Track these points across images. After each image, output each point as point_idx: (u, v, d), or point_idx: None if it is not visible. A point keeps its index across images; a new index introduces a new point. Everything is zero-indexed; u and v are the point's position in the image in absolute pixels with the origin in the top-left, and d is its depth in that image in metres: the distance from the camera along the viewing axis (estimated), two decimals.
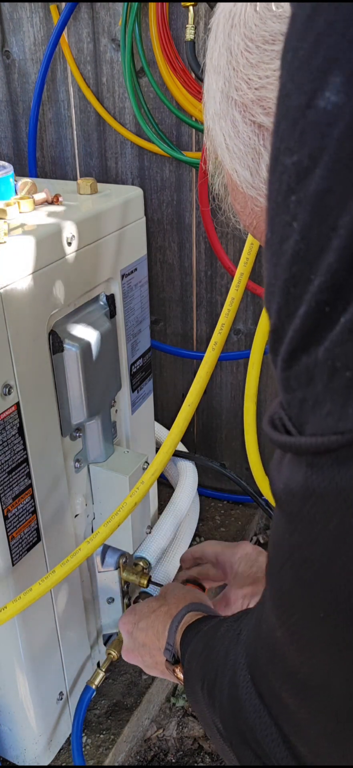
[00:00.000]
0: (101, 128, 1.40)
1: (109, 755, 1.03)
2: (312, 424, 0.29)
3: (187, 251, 1.42)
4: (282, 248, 0.28)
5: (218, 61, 0.42)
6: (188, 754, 1.14)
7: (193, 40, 1.19)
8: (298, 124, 0.26)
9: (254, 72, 0.39)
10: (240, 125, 0.42)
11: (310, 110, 0.25)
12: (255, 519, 1.56)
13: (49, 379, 0.84)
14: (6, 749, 1.00)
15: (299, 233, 0.27)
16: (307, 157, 0.26)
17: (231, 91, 0.41)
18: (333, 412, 0.27)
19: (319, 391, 0.28)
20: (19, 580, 0.84)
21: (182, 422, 0.79)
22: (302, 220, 0.27)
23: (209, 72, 0.44)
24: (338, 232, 0.25)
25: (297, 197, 0.27)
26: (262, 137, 0.41)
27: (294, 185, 0.27)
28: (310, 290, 0.27)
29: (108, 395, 0.99)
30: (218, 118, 0.43)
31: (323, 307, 0.27)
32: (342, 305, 0.26)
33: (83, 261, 0.88)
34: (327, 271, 0.26)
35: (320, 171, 0.26)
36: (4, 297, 0.73)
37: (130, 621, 0.81)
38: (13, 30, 1.40)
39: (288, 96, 0.27)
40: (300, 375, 0.29)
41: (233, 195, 0.48)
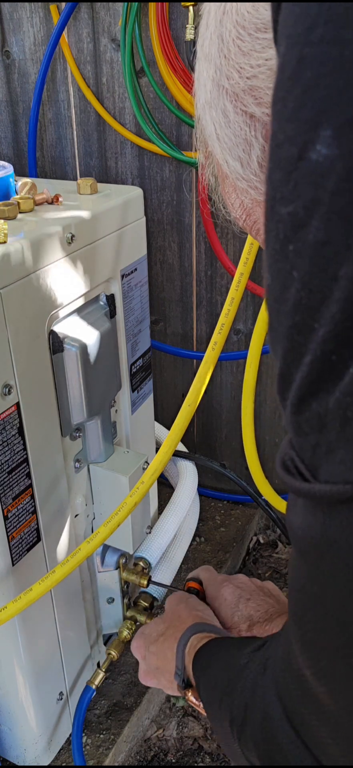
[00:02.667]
0: (101, 128, 1.40)
1: (109, 755, 1.03)
2: (325, 470, 0.29)
3: (187, 251, 1.42)
4: (283, 296, 0.28)
5: (210, 49, 0.41)
6: (188, 754, 1.14)
7: (193, 40, 1.19)
8: (291, 176, 0.26)
9: (245, 60, 0.38)
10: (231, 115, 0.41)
11: (303, 162, 0.26)
12: (255, 519, 1.56)
13: (49, 379, 0.84)
14: (6, 749, 1.00)
15: (300, 282, 0.27)
16: (302, 209, 0.26)
17: (222, 79, 0.40)
18: (346, 461, 0.27)
19: (332, 438, 0.28)
20: (19, 580, 0.84)
21: (182, 422, 0.79)
22: (302, 270, 0.27)
23: (200, 60, 0.43)
24: (339, 282, 0.25)
25: (295, 247, 0.27)
26: (253, 128, 0.40)
27: (291, 235, 0.27)
28: (315, 339, 0.27)
29: (108, 395, 0.99)
30: (208, 107, 0.42)
31: (329, 357, 0.27)
32: (349, 354, 0.26)
33: (83, 261, 0.88)
34: (331, 322, 0.26)
35: (316, 222, 0.26)
36: (4, 297, 0.73)
37: (141, 646, 0.81)
38: (13, 30, 1.40)
39: (280, 146, 0.27)
40: (311, 420, 0.28)
41: (223, 186, 0.47)
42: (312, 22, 0.24)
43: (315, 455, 0.29)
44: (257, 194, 0.42)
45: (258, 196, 0.42)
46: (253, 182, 0.42)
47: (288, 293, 0.28)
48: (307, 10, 0.25)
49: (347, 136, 0.24)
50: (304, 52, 0.25)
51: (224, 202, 0.48)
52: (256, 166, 0.40)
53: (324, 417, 0.28)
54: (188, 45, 1.20)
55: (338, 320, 0.26)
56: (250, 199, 0.43)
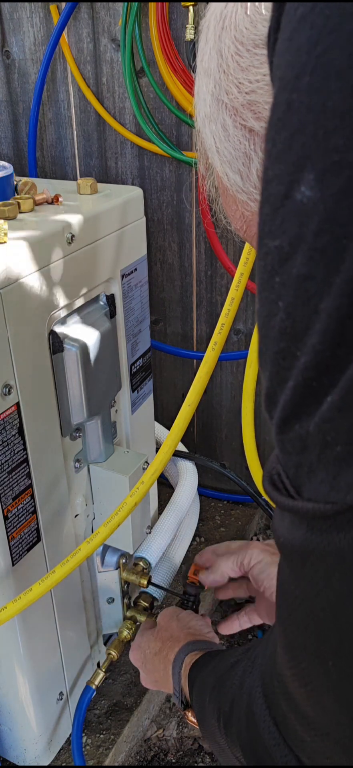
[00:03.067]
0: (101, 128, 1.40)
1: (109, 755, 1.03)
2: (308, 489, 0.30)
3: (187, 251, 1.42)
4: (269, 323, 0.30)
5: (209, 64, 0.42)
6: (188, 754, 1.14)
7: (193, 40, 1.19)
8: (279, 212, 0.28)
9: (244, 76, 0.39)
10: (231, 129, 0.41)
11: (288, 200, 0.27)
12: (255, 519, 1.56)
13: (49, 379, 0.84)
14: (6, 749, 1.00)
15: (284, 311, 0.29)
16: (288, 244, 0.28)
17: (222, 94, 0.41)
18: (326, 482, 0.29)
19: (313, 459, 0.29)
20: (19, 580, 0.84)
21: (182, 422, 0.79)
22: (286, 301, 0.28)
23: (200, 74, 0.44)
24: (320, 315, 0.27)
25: (280, 279, 0.28)
26: (253, 142, 0.40)
27: (278, 268, 0.28)
28: (297, 366, 0.28)
29: (108, 395, 0.99)
30: (208, 121, 0.43)
31: (310, 383, 0.28)
32: (328, 382, 0.27)
33: (83, 261, 0.88)
34: (312, 351, 0.27)
35: (300, 258, 0.27)
36: (4, 297, 0.73)
37: (138, 659, 0.85)
38: (13, 30, 1.40)
39: (269, 183, 0.28)
40: (294, 441, 0.30)
41: (224, 198, 0.47)
42: (301, 70, 0.26)
43: (298, 474, 0.31)
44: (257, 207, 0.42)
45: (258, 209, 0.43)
46: (253, 195, 0.42)
47: (274, 321, 0.29)
48: (297, 58, 0.26)
49: (328, 181, 0.25)
50: (292, 97, 0.26)
51: (225, 213, 0.49)
52: (255, 179, 0.41)
53: (306, 439, 0.29)
54: (188, 45, 1.20)
55: (318, 350, 0.27)
56: (250, 211, 0.44)
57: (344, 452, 0.28)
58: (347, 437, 0.27)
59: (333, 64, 0.24)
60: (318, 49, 0.25)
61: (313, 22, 0.25)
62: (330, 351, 0.27)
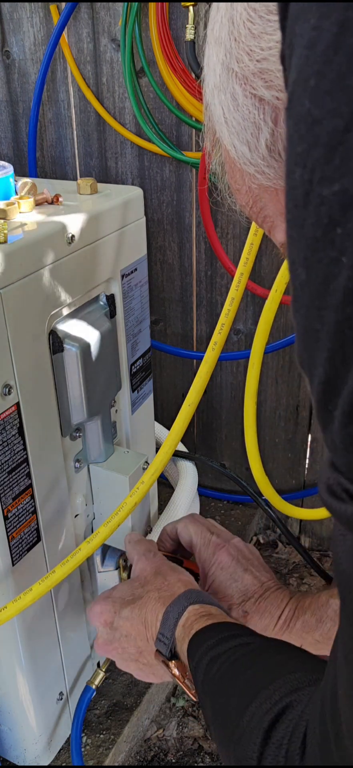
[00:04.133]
0: (101, 128, 1.40)
1: (109, 755, 1.03)
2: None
3: (187, 251, 1.42)
4: (328, 288, 0.25)
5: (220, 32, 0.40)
6: (188, 754, 1.14)
7: (193, 40, 1.19)
8: (337, 150, 0.24)
9: (256, 43, 0.38)
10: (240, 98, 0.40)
11: (351, 134, 0.24)
12: (255, 519, 1.56)
13: (49, 379, 0.84)
14: (6, 749, 1.00)
15: (351, 268, 0.24)
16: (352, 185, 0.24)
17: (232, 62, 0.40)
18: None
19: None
20: (19, 580, 0.84)
21: (182, 422, 0.79)
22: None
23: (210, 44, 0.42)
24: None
25: (343, 230, 0.24)
26: (262, 111, 0.39)
27: (339, 217, 0.24)
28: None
29: (108, 395, 0.99)
30: (217, 91, 0.42)
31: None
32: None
33: (83, 261, 0.88)
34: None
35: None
36: (4, 297, 0.73)
37: (108, 611, 0.72)
38: (13, 30, 1.40)
39: (318, 122, 0.25)
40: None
41: (231, 172, 0.46)
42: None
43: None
44: (264, 179, 0.41)
45: (265, 181, 0.41)
46: (261, 167, 0.41)
47: (336, 284, 0.25)
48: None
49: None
50: (348, 15, 0.23)
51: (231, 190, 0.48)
52: (264, 150, 0.40)
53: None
54: (188, 45, 1.20)
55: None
56: (257, 184, 0.43)
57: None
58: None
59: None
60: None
61: None
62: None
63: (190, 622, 0.62)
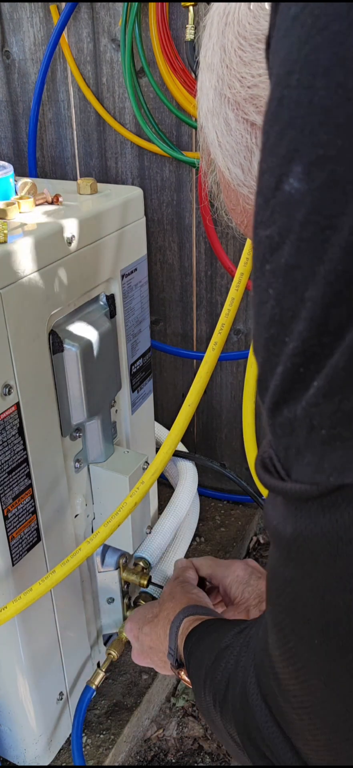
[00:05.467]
0: (101, 128, 1.40)
1: (109, 755, 1.03)
2: (295, 470, 0.32)
3: (187, 251, 1.42)
4: (261, 310, 0.31)
5: (212, 59, 0.43)
6: (188, 754, 1.14)
7: (193, 40, 1.19)
8: (270, 203, 0.29)
9: (247, 70, 0.40)
10: (233, 123, 0.42)
11: (278, 192, 0.28)
12: (255, 519, 1.56)
13: (49, 379, 0.84)
14: (6, 749, 1.00)
15: (274, 299, 0.30)
16: (277, 234, 0.29)
17: (224, 88, 0.42)
18: (312, 464, 0.30)
19: (300, 442, 0.30)
20: (19, 580, 0.84)
21: (182, 422, 0.79)
22: (276, 288, 0.30)
23: (203, 69, 0.45)
24: (306, 304, 0.28)
25: (271, 267, 0.30)
26: (254, 135, 0.41)
27: (269, 256, 0.30)
28: (286, 352, 0.30)
29: (108, 395, 0.99)
30: (211, 116, 0.44)
31: (297, 368, 0.29)
32: (315, 368, 0.28)
33: (83, 261, 0.88)
34: (298, 338, 0.29)
35: (287, 248, 0.28)
36: (4, 297, 0.73)
37: (134, 627, 0.84)
38: (13, 30, 1.40)
39: (263, 174, 0.30)
40: (283, 425, 0.31)
41: (226, 192, 0.48)
42: (291, 68, 0.27)
43: (287, 456, 0.32)
44: None
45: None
46: (254, 188, 0.43)
47: (265, 308, 0.30)
48: (289, 55, 0.27)
49: (314, 174, 0.26)
50: (284, 93, 0.28)
51: (227, 209, 0.50)
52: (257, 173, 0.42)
53: (293, 423, 0.30)
54: (188, 45, 1.20)
55: (304, 337, 0.28)
56: (251, 205, 0.45)
57: (328, 436, 0.29)
58: (331, 421, 0.28)
59: (319, 63, 0.25)
60: (307, 47, 0.26)
61: (303, 22, 0.26)
62: (315, 338, 0.28)
63: (184, 630, 0.70)
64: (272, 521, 0.36)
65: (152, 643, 0.79)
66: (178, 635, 0.72)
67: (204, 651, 0.63)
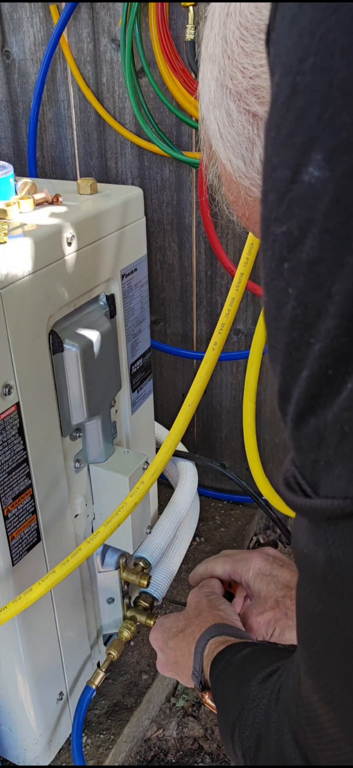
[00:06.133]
0: (101, 128, 1.40)
1: (109, 755, 1.03)
2: (324, 485, 0.29)
3: (187, 251, 1.42)
4: (280, 313, 0.29)
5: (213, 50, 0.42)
6: (188, 754, 1.14)
7: (193, 40, 1.19)
8: (286, 197, 0.27)
9: (249, 61, 0.39)
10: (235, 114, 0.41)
11: (296, 184, 0.27)
12: (255, 519, 1.56)
13: (49, 379, 0.84)
14: (6, 749, 1.00)
15: (295, 299, 0.28)
16: (296, 228, 0.27)
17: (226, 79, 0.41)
18: (343, 476, 0.28)
19: (330, 453, 0.28)
20: (19, 580, 0.84)
21: (182, 422, 0.79)
22: (297, 287, 0.28)
23: (204, 61, 0.44)
24: (333, 299, 0.26)
25: (290, 265, 0.28)
26: (256, 126, 0.41)
27: (286, 254, 0.28)
28: (311, 354, 0.28)
29: (108, 395, 0.99)
30: (212, 107, 0.43)
31: (326, 371, 0.27)
32: (345, 369, 0.26)
33: (83, 261, 0.88)
34: (326, 336, 0.27)
35: (310, 242, 0.27)
36: (4, 297, 0.73)
37: (159, 638, 0.81)
38: (13, 30, 1.40)
39: (274, 169, 0.28)
40: (310, 436, 0.29)
41: (227, 185, 0.47)
42: (304, 53, 0.26)
43: (314, 471, 0.29)
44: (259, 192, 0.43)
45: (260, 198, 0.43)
46: (256, 180, 0.42)
47: (285, 310, 0.29)
48: (299, 41, 0.26)
49: (337, 159, 0.25)
50: (296, 80, 0.26)
51: (228, 202, 0.49)
52: (258, 164, 0.41)
53: (323, 432, 0.28)
54: (188, 45, 1.20)
55: (334, 335, 0.26)
56: (253, 197, 0.44)
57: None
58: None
59: (337, 43, 0.24)
60: (321, 29, 0.25)
61: (314, 4, 0.25)
62: (346, 335, 0.26)
63: (210, 653, 0.67)
64: (301, 547, 0.32)
65: (177, 658, 0.77)
66: (203, 656, 0.69)
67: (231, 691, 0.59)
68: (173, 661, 0.78)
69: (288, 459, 0.32)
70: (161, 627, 0.82)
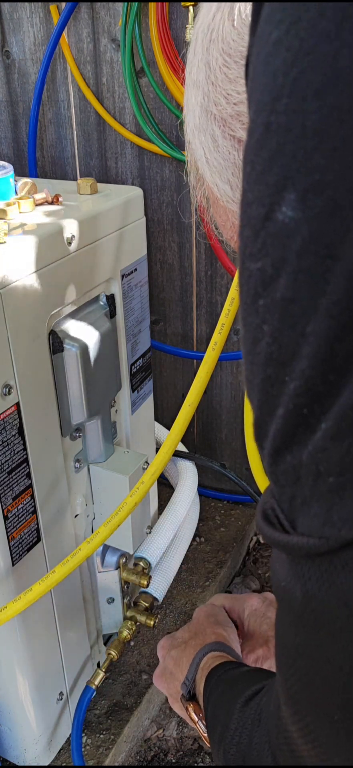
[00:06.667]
0: (101, 128, 1.40)
1: (109, 755, 1.03)
2: (302, 522, 0.29)
3: (187, 251, 1.42)
4: (255, 348, 0.29)
5: (197, 76, 0.42)
6: (188, 754, 1.14)
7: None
8: (260, 234, 0.27)
9: (232, 87, 0.39)
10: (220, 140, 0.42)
11: (270, 222, 0.26)
12: (255, 519, 1.56)
13: (49, 379, 0.84)
14: (6, 749, 1.00)
15: (270, 336, 0.28)
16: (270, 266, 0.27)
17: (210, 105, 0.41)
18: (320, 515, 0.28)
19: (306, 492, 0.28)
20: (19, 580, 0.84)
21: (182, 422, 0.79)
22: (272, 325, 0.28)
23: (189, 86, 0.44)
24: (307, 339, 0.26)
25: (264, 302, 0.28)
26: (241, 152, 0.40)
27: (261, 290, 0.28)
28: (286, 392, 0.27)
29: (108, 395, 0.99)
30: (198, 132, 0.43)
31: (301, 410, 0.27)
32: (320, 410, 0.26)
33: (83, 261, 0.88)
34: (301, 377, 0.27)
35: (284, 281, 0.26)
36: (4, 297, 0.73)
37: (165, 646, 0.82)
38: (13, 30, 1.40)
39: (249, 205, 0.28)
40: (287, 473, 0.29)
41: (215, 208, 0.48)
42: (278, 93, 0.25)
43: (292, 507, 0.29)
44: None
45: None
46: None
47: (260, 346, 0.28)
48: (274, 81, 0.26)
49: (311, 201, 0.25)
50: (270, 119, 0.26)
51: (216, 223, 0.50)
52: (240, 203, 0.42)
53: (299, 470, 0.28)
54: (188, 45, 1.19)
55: (308, 376, 0.26)
56: None
57: (337, 484, 0.26)
58: (340, 468, 0.26)
59: (310, 85, 0.24)
60: (295, 70, 0.25)
61: (289, 45, 0.25)
62: (320, 376, 0.26)
63: (208, 664, 0.68)
64: (279, 580, 0.32)
65: (174, 668, 0.77)
66: (199, 667, 0.69)
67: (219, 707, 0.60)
68: (169, 672, 0.78)
69: (267, 491, 0.32)
70: (171, 637, 0.83)
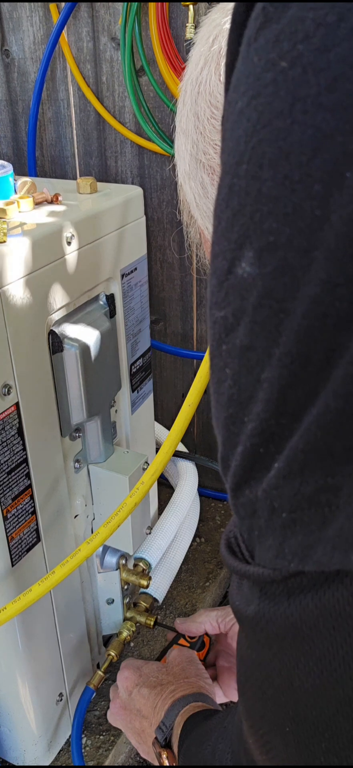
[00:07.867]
0: (101, 127, 1.40)
1: (109, 756, 1.02)
2: (258, 554, 0.31)
3: (187, 250, 1.42)
4: (220, 388, 0.31)
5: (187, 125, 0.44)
6: None
7: (193, 39, 1.19)
8: (223, 285, 0.29)
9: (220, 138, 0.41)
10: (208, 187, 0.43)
11: (231, 275, 0.29)
12: None
13: (49, 379, 0.84)
14: (6, 750, 1.00)
15: (231, 379, 0.30)
16: (231, 315, 0.29)
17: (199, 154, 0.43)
18: (273, 547, 0.30)
19: (262, 525, 0.30)
20: (18, 581, 0.83)
21: (182, 422, 0.78)
22: (232, 368, 0.30)
23: (179, 134, 0.46)
24: (262, 385, 0.28)
25: (226, 347, 0.30)
26: None
27: (224, 336, 0.30)
28: (245, 432, 0.29)
29: (108, 395, 0.98)
30: (188, 178, 0.45)
31: (257, 449, 0.29)
32: (274, 450, 0.28)
33: (83, 261, 0.88)
34: (257, 418, 0.29)
35: (242, 329, 0.29)
36: (4, 296, 0.73)
37: (132, 680, 0.79)
38: (13, 29, 1.40)
39: (216, 257, 0.30)
40: (246, 506, 0.31)
41: (206, 248, 0.49)
42: (240, 158, 0.28)
43: (250, 538, 0.31)
44: None
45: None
46: None
47: (223, 387, 0.31)
48: (237, 146, 0.28)
49: (265, 260, 0.27)
50: (233, 181, 0.28)
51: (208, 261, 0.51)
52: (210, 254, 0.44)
53: (255, 504, 0.30)
54: (188, 44, 1.19)
55: (262, 418, 0.28)
56: None
57: (289, 519, 0.28)
58: (291, 505, 0.28)
59: (265, 155, 0.26)
60: (254, 140, 0.27)
61: (249, 116, 0.27)
62: (274, 419, 0.28)
63: (188, 712, 0.68)
64: (235, 602, 0.35)
65: (145, 710, 0.75)
66: (179, 714, 0.69)
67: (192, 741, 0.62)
68: (137, 710, 0.76)
69: (232, 520, 0.34)
70: (138, 670, 0.80)
